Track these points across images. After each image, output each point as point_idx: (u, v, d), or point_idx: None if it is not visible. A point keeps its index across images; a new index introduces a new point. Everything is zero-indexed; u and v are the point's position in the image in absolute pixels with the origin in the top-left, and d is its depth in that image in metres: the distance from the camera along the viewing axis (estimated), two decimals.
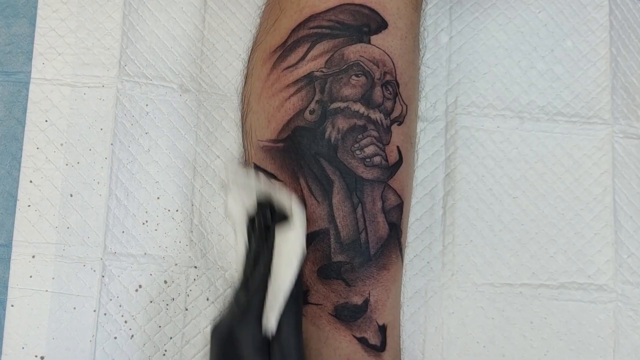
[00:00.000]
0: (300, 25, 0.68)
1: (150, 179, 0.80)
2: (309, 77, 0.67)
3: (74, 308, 0.77)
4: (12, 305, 0.77)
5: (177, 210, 0.80)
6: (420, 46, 0.75)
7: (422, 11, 0.76)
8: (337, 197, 0.66)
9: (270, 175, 0.69)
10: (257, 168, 0.70)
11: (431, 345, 0.80)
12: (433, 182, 0.83)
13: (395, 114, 0.68)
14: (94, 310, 0.77)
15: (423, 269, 0.81)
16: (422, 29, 0.75)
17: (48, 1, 0.83)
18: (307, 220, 0.66)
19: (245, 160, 0.73)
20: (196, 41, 0.83)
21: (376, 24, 0.68)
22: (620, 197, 0.85)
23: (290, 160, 0.67)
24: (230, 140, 0.81)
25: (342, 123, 0.66)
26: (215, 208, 0.80)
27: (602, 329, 0.82)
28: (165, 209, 0.80)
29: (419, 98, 0.76)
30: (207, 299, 0.78)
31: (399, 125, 0.68)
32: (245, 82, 0.76)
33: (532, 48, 0.87)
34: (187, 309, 0.78)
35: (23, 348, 0.76)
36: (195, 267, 0.79)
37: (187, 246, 0.79)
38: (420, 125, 0.83)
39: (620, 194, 0.85)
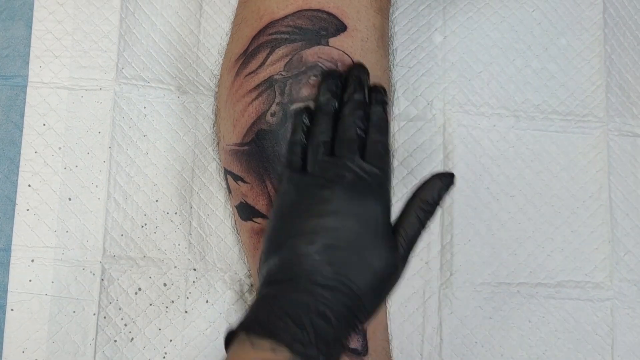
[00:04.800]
0: (260, 32, 0.70)
1: (149, 181, 0.80)
2: (269, 81, 0.68)
3: (74, 311, 0.77)
4: (12, 310, 0.77)
5: (175, 213, 0.80)
6: (390, 50, 0.75)
7: (389, 14, 0.76)
8: None
9: (238, 178, 0.70)
10: (227, 172, 0.72)
11: (429, 346, 0.80)
12: None
13: None
14: (94, 314, 0.77)
15: (421, 270, 0.81)
16: (390, 33, 0.76)
17: (44, 3, 0.83)
18: None
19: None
20: (192, 46, 0.83)
21: (334, 27, 0.69)
22: (616, 195, 0.85)
23: (256, 162, 0.68)
24: None
25: None
26: (214, 210, 0.80)
27: (599, 326, 0.82)
28: (164, 211, 0.80)
29: (391, 99, 0.76)
30: (207, 301, 0.78)
31: None
32: (216, 90, 0.77)
33: (526, 46, 0.87)
34: (186, 312, 0.78)
35: (23, 352, 0.76)
36: (195, 269, 0.79)
37: (186, 249, 0.79)
38: (417, 124, 0.84)
39: (616, 192, 0.85)
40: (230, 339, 0.55)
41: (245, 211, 0.71)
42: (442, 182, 0.60)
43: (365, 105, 0.63)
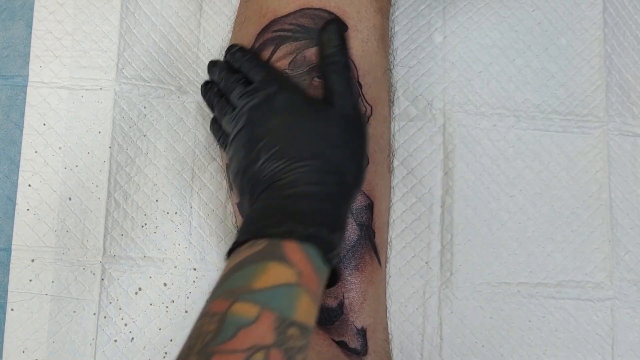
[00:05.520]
0: (264, 29, 0.70)
1: (149, 181, 0.80)
2: None
3: (74, 311, 0.77)
4: (12, 309, 0.77)
5: (175, 213, 0.80)
6: (390, 51, 0.76)
7: (389, 14, 0.77)
8: None
9: None
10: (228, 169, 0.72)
11: (429, 346, 0.80)
12: (432, 181, 0.83)
13: None
14: (94, 314, 0.77)
15: (421, 270, 0.81)
16: (390, 33, 0.76)
17: (44, 3, 0.83)
18: None
19: None
20: (192, 46, 0.83)
21: None
22: (616, 195, 0.85)
23: None
24: None
25: None
26: (214, 210, 0.80)
27: (599, 326, 0.82)
28: (164, 211, 0.80)
29: (391, 100, 0.76)
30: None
31: None
32: None
33: (526, 46, 0.87)
34: (187, 311, 0.78)
35: (23, 352, 0.76)
36: (195, 269, 0.79)
37: (186, 248, 0.79)
38: (417, 124, 0.84)
39: (616, 191, 0.85)
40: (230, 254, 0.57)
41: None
42: (329, 32, 0.65)
43: (231, 71, 0.69)
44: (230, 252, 0.56)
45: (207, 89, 0.70)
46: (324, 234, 0.54)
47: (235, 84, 0.65)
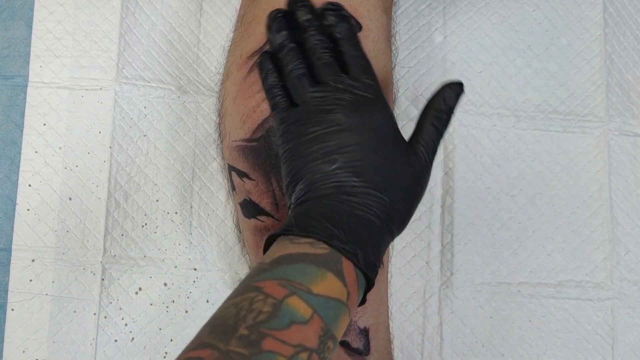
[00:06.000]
0: None
1: (149, 181, 0.80)
2: None
3: (74, 311, 0.77)
4: (13, 309, 0.77)
5: (176, 213, 0.80)
6: (393, 48, 0.76)
7: (392, 14, 0.77)
8: None
9: (243, 175, 0.69)
10: (231, 168, 0.72)
11: (430, 346, 0.80)
12: (432, 181, 0.83)
13: None
14: (94, 314, 0.77)
15: (421, 270, 0.81)
16: (394, 31, 0.76)
17: (45, 3, 0.83)
18: (281, 221, 0.68)
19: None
20: (192, 45, 0.83)
21: None
22: (617, 195, 0.85)
23: (263, 159, 0.69)
24: None
25: None
26: (214, 210, 0.80)
27: (600, 326, 0.82)
28: (164, 211, 0.80)
29: (394, 100, 0.76)
30: (207, 301, 0.78)
31: None
32: (221, 87, 0.77)
33: (526, 46, 0.87)
34: (187, 311, 0.78)
35: (24, 352, 0.76)
36: (195, 269, 0.79)
37: (186, 248, 0.79)
38: None
39: (617, 191, 0.85)
40: (269, 243, 0.56)
41: (249, 208, 0.71)
42: (452, 89, 0.60)
43: (324, 27, 0.61)
44: (285, 231, 0.55)
45: (284, 36, 0.61)
46: (373, 269, 0.55)
47: (330, 58, 0.59)
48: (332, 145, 0.56)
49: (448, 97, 0.59)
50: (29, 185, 0.79)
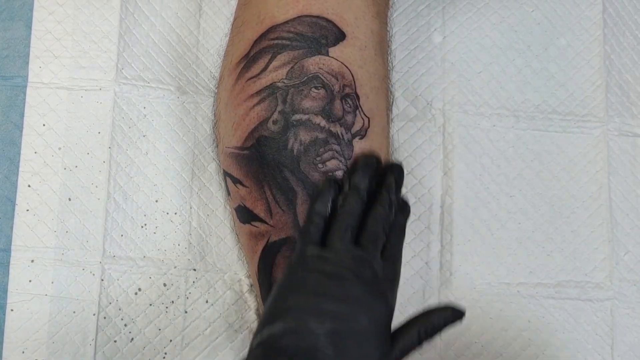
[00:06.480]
0: (261, 37, 0.70)
1: (149, 181, 0.80)
2: (271, 88, 0.68)
3: (74, 312, 0.77)
4: (12, 310, 0.77)
5: (175, 213, 0.80)
6: (389, 53, 0.76)
7: (387, 19, 0.77)
8: (302, 207, 0.68)
9: (237, 181, 0.70)
10: (226, 174, 0.72)
11: (429, 346, 0.80)
12: (432, 181, 0.83)
13: (356, 127, 0.69)
14: (94, 314, 0.77)
15: (421, 270, 0.81)
16: (388, 37, 0.76)
17: (44, 3, 0.83)
18: (275, 227, 0.68)
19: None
20: (191, 46, 0.83)
21: (334, 35, 0.69)
22: (616, 195, 0.85)
23: (255, 167, 0.69)
24: None
25: (304, 135, 0.67)
26: (213, 210, 0.80)
27: (599, 327, 0.82)
28: (163, 211, 0.80)
29: (389, 108, 0.77)
30: (207, 302, 0.78)
31: (360, 139, 0.69)
32: (217, 91, 0.78)
33: (526, 47, 0.87)
34: (186, 312, 0.78)
35: (23, 352, 0.76)
36: (195, 269, 0.79)
37: (186, 249, 0.79)
38: (417, 124, 0.84)
39: (616, 192, 0.85)
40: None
41: (243, 214, 0.71)
42: (453, 314, 0.62)
43: (393, 204, 0.66)
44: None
45: (366, 184, 0.65)
46: None
47: (383, 236, 0.64)
48: (330, 307, 0.58)
49: (444, 318, 0.62)
50: (29, 186, 0.79)
